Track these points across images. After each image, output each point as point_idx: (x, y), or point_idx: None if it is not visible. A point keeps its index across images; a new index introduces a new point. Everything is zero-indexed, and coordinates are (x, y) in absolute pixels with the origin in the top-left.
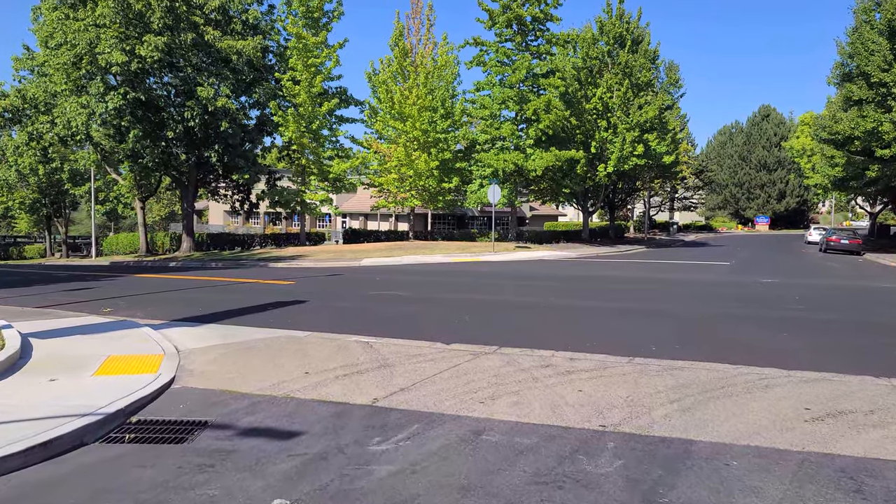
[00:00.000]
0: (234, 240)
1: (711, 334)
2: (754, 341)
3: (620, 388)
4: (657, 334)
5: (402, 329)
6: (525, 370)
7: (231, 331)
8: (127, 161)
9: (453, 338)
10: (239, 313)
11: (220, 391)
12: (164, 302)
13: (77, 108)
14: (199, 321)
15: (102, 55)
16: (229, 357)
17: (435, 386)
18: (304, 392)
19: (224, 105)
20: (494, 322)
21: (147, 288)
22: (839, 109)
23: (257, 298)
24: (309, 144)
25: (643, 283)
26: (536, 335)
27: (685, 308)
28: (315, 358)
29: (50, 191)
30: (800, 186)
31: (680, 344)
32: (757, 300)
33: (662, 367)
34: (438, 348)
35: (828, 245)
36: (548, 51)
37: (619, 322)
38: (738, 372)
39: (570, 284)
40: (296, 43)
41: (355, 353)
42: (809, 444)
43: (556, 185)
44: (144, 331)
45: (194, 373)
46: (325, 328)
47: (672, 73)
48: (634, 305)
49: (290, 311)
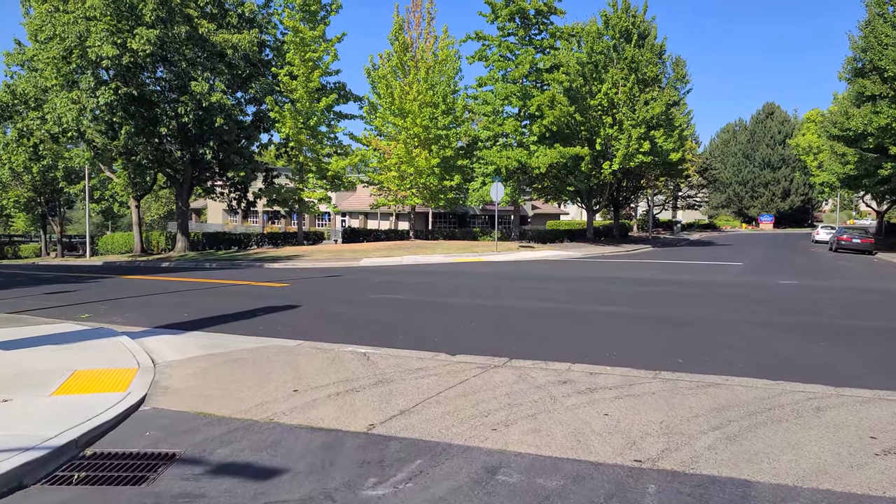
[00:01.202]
0: (231, 239)
1: (741, 343)
2: (790, 351)
3: (652, 411)
4: (681, 343)
5: (402, 337)
6: (541, 387)
7: (216, 340)
8: (120, 158)
9: (458, 348)
10: (227, 319)
11: (195, 414)
12: (149, 306)
13: (67, 103)
14: (184, 328)
15: (92, 48)
16: (211, 371)
17: (440, 407)
18: (291, 415)
19: (219, 100)
20: (502, 329)
21: (133, 291)
22: (851, 105)
23: (248, 303)
24: (306, 141)
25: (656, 284)
26: (549, 344)
27: (707, 313)
28: (306, 372)
29: (45, 189)
30: (804, 184)
31: (709, 355)
32: (782, 303)
33: (695, 384)
34: (442, 360)
35: (838, 244)
36: (552, 45)
37: (637, 329)
38: (782, 390)
39: (579, 287)
40: (293, 37)
41: (350, 367)
42: (891, 487)
43: (560, 182)
44: (121, 340)
45: (169, 390)
46: (318, 336)
47: (679, 68)
48: (652, 310)
49: (282, 316)
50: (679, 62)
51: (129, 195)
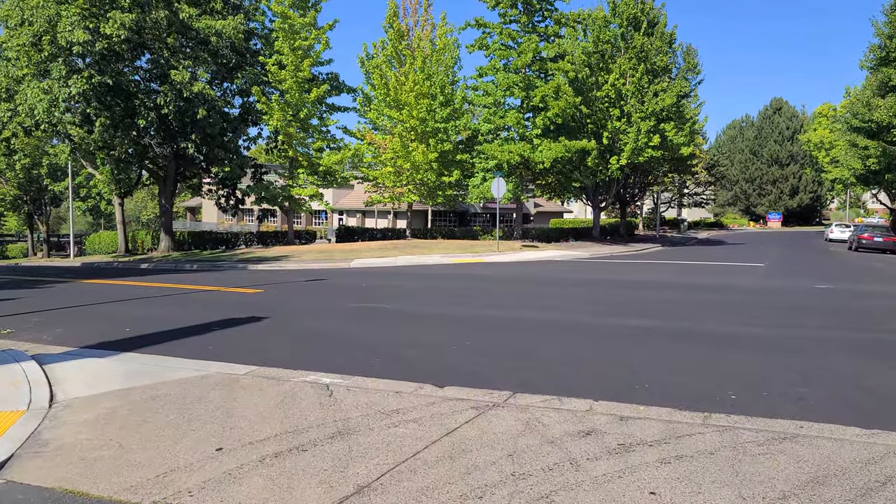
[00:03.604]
0: (218, 238)
1: (801, 367)
2: (873, 381)
3: (717, 487)
4: (728, 368)
5: (380, 361)
6: (555, 443)
7: (148, 365)
8: (99, 153)
9: (449, 375)
10: (174, 336)
11: (61, 493)
12: (90, 319)
13: (39, 93)
14: (117, 349)
15: (62, 34)
16: (119, 415)
17: (415, 481)
18: (199, 496)
19: (201, 90)
20: (504, 348)
21: (84, 298)
22: (873, 95)
23: (207, 314)
24: (296, 134)
25: (678, 289)
26: (562, 369)
27: (747, 326)
28: (242, 417)
29: (30, 187)
30: (813, 182)
31: (768, 387)
32: (830, 313)
33: (763, 436)
34: (426, 395)
35: (859, 243)
36: (556, 32)
37: (669, 348)
38: (887, 446)
39: (592, 293)
40: (281, 23)
41: (304, 408)
42: None
43: (564, 178)
44: (22, 368)
45: (49, 447)
46: (276, 360)
47: (690, 57)
48: (682, 323)
49: (240, 333)
50: (690, 51)
51: (112, 192)
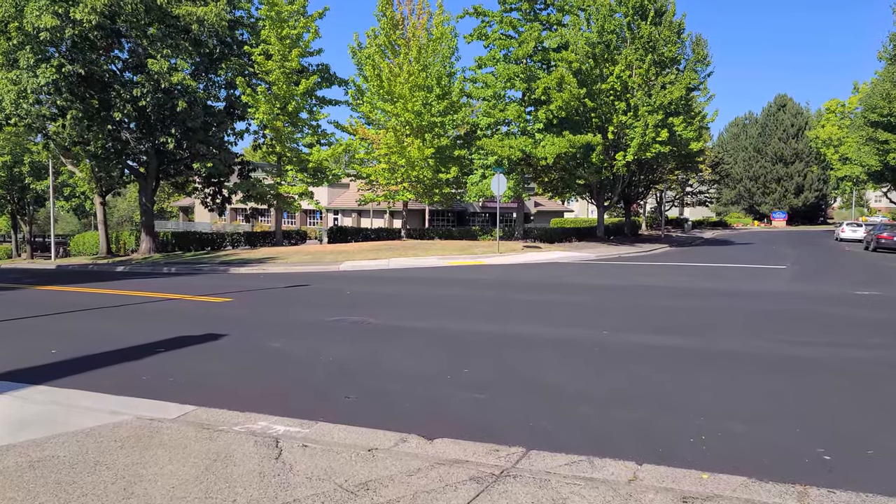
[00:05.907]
0: (204, 239)
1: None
2: None
3: None
4: (807, 410)
5: (353, 399)
6: None
7: (53, 406)
8: (75, 148)
9: (441, 419)
10: (106, 361)
11: None
12: (17, 336)
13: (7, 84)
14: (27, 378)
15: (29, 19)
16: None
17: None
18: None
19: (181, 81)
20: (510, 379)
21: (26, 309)
22: (893, 87)
23: (160, 330)
24: (284, 129)
25: (702, 297)
26: (585, 410)
27: (806, 347)
28: (145, 500)
29: (12, 186)
30: (818, 180)
31: (871, 441)
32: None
33: None
34: (409, 455)
35: (878, 243)
36: (559, 21)
37: (716, 377)
38: None
39: (607, 301)
40: (268, 10)
41: (237, 480)
42: None
43: (568, 175)
44: None
45: None
46: (220, 396)
47: (699, 48)
48: (722, 342)
49: (189, 356)
50: (699, 41)
51: (92, 191)
